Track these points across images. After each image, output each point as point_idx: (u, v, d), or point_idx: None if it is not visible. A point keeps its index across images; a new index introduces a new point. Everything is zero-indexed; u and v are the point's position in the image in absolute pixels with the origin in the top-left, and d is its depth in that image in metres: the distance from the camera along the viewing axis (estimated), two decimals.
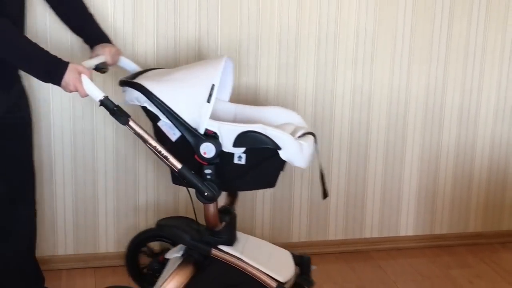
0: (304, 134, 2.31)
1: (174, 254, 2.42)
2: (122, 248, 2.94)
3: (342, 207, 3.22)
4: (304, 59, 3.01)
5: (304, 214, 3.18)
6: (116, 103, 2.15)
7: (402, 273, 3.08)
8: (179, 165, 2.20)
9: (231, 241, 2.38)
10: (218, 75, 2.18)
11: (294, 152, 2.18)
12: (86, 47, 2.46)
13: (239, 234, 2.47)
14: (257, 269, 2.31)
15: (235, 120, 2.42)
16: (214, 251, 2.32)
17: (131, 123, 2.17)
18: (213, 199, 2.22)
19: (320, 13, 2.97)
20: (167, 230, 2.47)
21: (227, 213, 2.42)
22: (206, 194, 2.21)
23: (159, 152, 2.19)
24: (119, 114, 2.14)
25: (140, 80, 2.23)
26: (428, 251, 3.31)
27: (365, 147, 3.17)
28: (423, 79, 3.16)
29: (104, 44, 2.40)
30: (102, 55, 2.36)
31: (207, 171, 2.20)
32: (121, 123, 2.15)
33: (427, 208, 3.33)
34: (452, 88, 3.21)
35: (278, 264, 2.42)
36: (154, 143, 2.19)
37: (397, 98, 3.15)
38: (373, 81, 3.11)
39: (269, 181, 2.31)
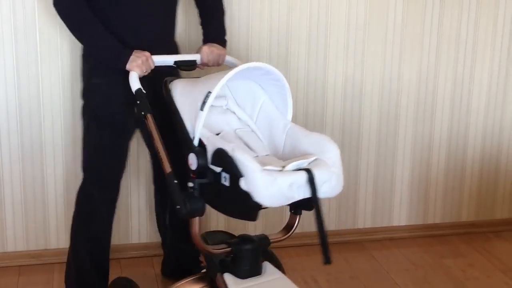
0: (300, 169, 1.96)
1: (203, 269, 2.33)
2: (115, 241, 2.93)
3: (335, 197, 3.18)
4: (295, 50, 3.00)
5: None
6: None
7: (395, 262, 3.09)
8: (167, 170, 2.09)
9: (241, 273, 2.13)
10: (219, 83, 1.99)
11: (256, 184, 1.85)
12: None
13: (270, 270, 2.21)
14: None
15: (285, 140, 2.18)
16: (218, 277, 2.15)
17: (148, 119, 2.15)
18: (184, 214, 2.02)
19: (311, 3, 2.96)
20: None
21: (249, 241, 2.17)
22: (177, 207, 2.02)
23: (159, 152, 2.14)
24: (138, 106, 2.16)
25: (176, 80, 2.22)
26: (421, 241, 3.31)
27: (357, 137, 3.17)
28: (415, 68, 3.16)
29: (206, 44, 2.42)
30: (198, 53, 2.39)
31: (190, 184, 2.02)
32: (134, 115, 2.18)
33: (420, 198, 3.33)
34: (443, 78, 3.21)
35: None
36: (157, 144, 2.14)
37: (388, 88, 3.15)
38: (365, 72, 3.10)
39: (248, 214, 2.05)
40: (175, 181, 2.06)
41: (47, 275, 2.84)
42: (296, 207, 2.02)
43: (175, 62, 2.34)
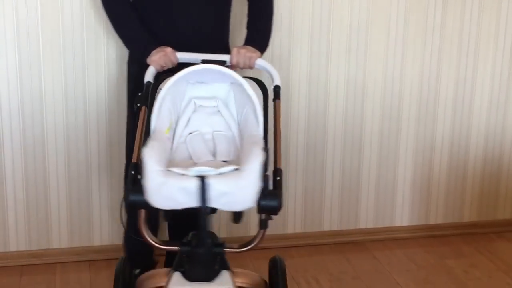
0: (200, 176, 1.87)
1: None
2: (116, 241, 2.94)
3: (337, 198, 3.22)
4: (297, 51, 2.99)
5: (299, 205, 3.18)
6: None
7: (397, 263, 3.09)
8: (132, 160, 2.03)
9: (189, 275, 2.07)
10: (168, 82, 2.07)
11: (147, 184, 1.86)
12: None
13: (224, 280, 2.10)
14: None
15: (247, 144, 2.13)
16: (169, 273, 2.09)
17: (141, 111, 2.14)
18: (125, 205, 1.97)
19: (313, 4, 2.96)
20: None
21: (200, 245, 2.08)
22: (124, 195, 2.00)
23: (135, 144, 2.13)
24: (137, 98, 2.19)
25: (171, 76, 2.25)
26: (423, 241, 3.31)
27: (359, 138, 3.17)
28: (417, 69, 3.16)
29: (237, 46, 2.41)
30: (229, 55, 2.38)
31: (139, 176, 1.96)
32: (133, 106, 2.21)
33: (422, 198, 3.33)
34: (446, 78, 3.20)
35: None
36: (137, 136, 2.12)
37: (391, 89, 3.15)
38: (367, 72, 3.10)
39: (164, 213, 2.01)
40: (132, 172, 2.00)
41: (49, 275, 2.84)
42: (261, 221, 2.03)
43: (203, 61, 2.30)
